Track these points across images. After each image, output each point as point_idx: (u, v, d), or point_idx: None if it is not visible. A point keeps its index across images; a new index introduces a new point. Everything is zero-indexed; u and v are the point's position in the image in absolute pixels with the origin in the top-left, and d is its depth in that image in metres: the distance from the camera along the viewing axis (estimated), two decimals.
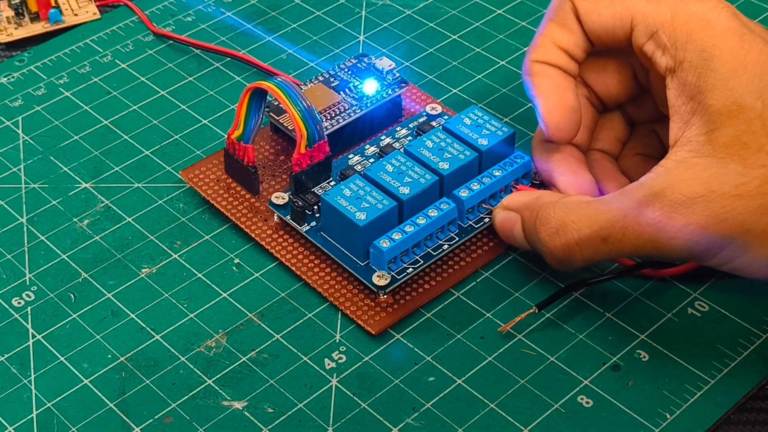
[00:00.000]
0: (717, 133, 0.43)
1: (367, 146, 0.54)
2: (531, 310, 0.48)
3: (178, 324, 0.49)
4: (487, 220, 0.51)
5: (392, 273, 0.49)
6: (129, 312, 0.50)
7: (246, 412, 0.46)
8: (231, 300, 0.50)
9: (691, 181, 0.43)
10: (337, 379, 0.47)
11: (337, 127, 0.54)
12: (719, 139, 0.43)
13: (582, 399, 0.46)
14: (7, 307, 0.50)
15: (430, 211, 0.50)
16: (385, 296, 0.49)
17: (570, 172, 0.50)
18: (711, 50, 0.44)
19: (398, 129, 0.55)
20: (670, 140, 0.45)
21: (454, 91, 0.60)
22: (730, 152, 0.43)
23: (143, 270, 0.51)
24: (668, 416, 0.45)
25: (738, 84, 0.43)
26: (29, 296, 0.50)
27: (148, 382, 0.47)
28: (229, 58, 0.62)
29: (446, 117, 0.56)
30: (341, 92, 0.55)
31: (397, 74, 0.56)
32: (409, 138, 0.55)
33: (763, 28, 0.46)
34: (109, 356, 0.48)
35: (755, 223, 0.43)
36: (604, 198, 0.46)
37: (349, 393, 0.46)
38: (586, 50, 0.49)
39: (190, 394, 0.46)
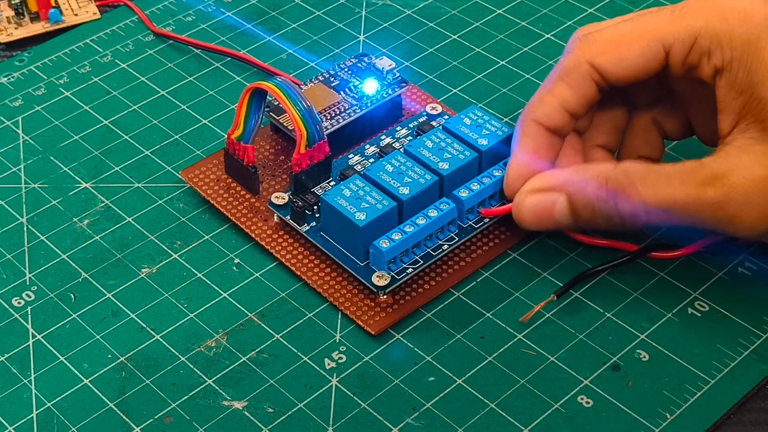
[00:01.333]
0: None
1: (367, 146, 0.54)
2: (550, 298, 0.48)
3: (178, 324, 0.49)
4: (486, 220, 0.51)
5: (392, 273, 0.49)
6: (129, 312, 0.50)
7: (246, 412, 0.46)
8: (231, 300, 0.50)
9: (753, 165, 0.44)
10: (337, 379, 0.47)
11: (337, 127, 0.54)
12: None
13: (582, 399, 0.46)
14: (7, 307, 0.50)
15: (429, 211, 0.50)
16: (384, 296, 0.49)
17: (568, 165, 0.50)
18: (756, 43, 0.44)
19: (398, 129, 0.55)
20: (722, 131, 0.45)
21: (454, 91, 0.60)
22: None
23: (143, 270, 0.51)
24: (668, 416, 0.45)
25: None
26: (29, 296, 0.50)
27: (148, 382, 0.47)
28: (229, 58, 0.62)
29: (446, 117, 0.56)
30: (341, 92, 0.55)
31: (397, 74, 0.56)
32: (409, 138, 0.55)
33: None
34: (109, 356, 0.48)
35: None
36: (664, 170, 0.46)
37: (349, 393, 0.46)
38: (594, 103, 0.49)
39: (190, 394, 0.46)
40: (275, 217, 0.52)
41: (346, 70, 0.57)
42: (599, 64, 0.47)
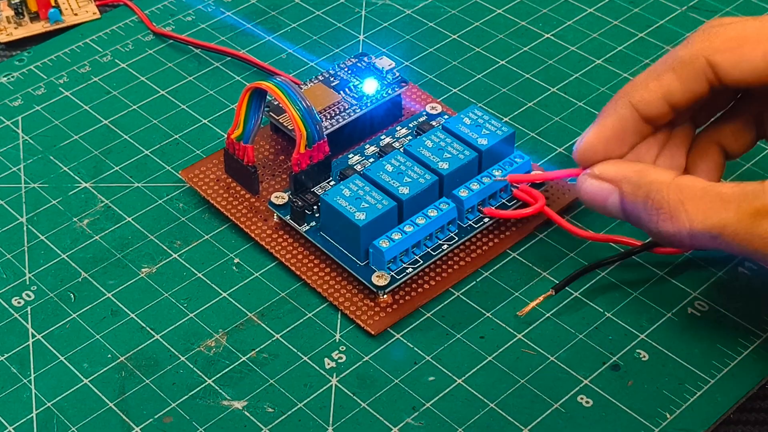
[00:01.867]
0: None
1: (367, 146, 0.54)
2: (548, 293, 0.48)
3: (178, 324, 0.49)
4: (486, 220, 0.51)
5: (392, 273, 0.49)
6: (129, 312, 0.50)
7: (246, 412, 0.46)
8: (231, 300, 0.50)
9: None
10: (337, 378, 0.47)
11: (336, 126, 0.54)
12: None
13: (582, 399, 0.46)
14: (7, 306, 0.50)
15: (429, 211, 0.50)
16: (384, 296, 0.49)
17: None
18: None
19: (398, 128, 0.55)
20: None
21: (454, 90, 0.60)
22: None
23: (143, 270, 0.51)
24: (668, 416, 0.45)
25: None
26: (29, 296, 0.50)
27: (148, 381, 0.47)
28: (229, 58, 0.62)
29: (446, 116, 0.56)
30: (341, 92, 0.55)
31: (397, 74, 0.56)
32: (409, 138, 0.55)
33: None
34: (109, 356, 0.48)
35: None
36: (723, 191, 0.43)
37: (348, 393, 0.46)
38: (702, 101, 0.46)
39: (190, 393, 0.46)
40: (275, 217, 0.52)
41: (346, 69, 0.57)
42: (717, 62, 0.44)
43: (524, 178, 0.51)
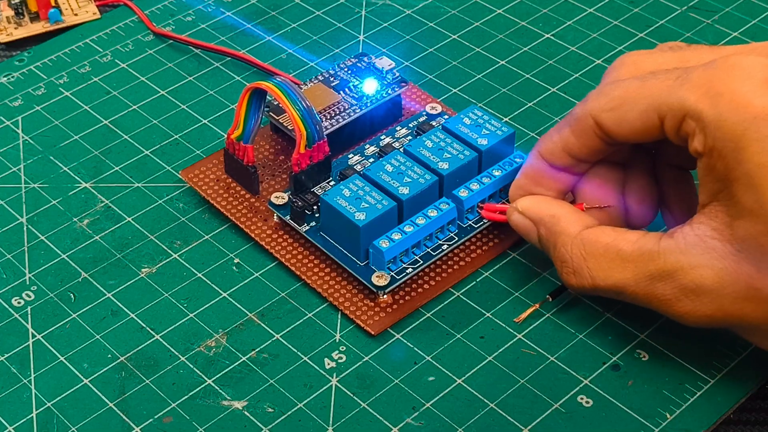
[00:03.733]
0: (738, 222, 0.41)
1: (367, 146, 0.54)
2: (544, 300, 0.49)
3: (178, 324, 0.49)
4: (485, 221, 0.51)
5: (392, 273, 0.49)
6: (129, 312, 0.50)
7: (246, 412, 0.46)
8: (231, 300, 0.50)
9: (705, 269, 0.42)
10: (337, 378, 0.47)
11: (336, 126, 0.54)
12: (739, 231, 0.41)
13: (582, 399, 0.46)
14: (7, 307, 0.50)
15: (429, 211, 0.50)
16: (384, 296, 0.49)
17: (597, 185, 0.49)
18: (739, 140, 0.41)
19: (398, 129, 0.55)
20: (700, 201, 0.43)
21: (454, 91, 0.60)
22: (747, 249, 0.41)
23: (143, 270, 0.51)
24: (668, 416, 0.45)
25: (765, 184, 0.40)
26: (29, 296, 0.50)
27: (148, 381, 0.47)
28: (229, 58, 0.62)
29: (446, 117, 0.56)
30: (341, 92, 0.55)
31: (397, 74, 0.56)
32: (409, 138, 0.55)
33: None
34: (109, 356, 0.48)
35: (762, 323, 0.42)
36: (623, 251, 0.44)
37: (349, 393, 0.46)
38: (602, 153, 0.47)
39: (190, 393, 0.46)
40: (275, 217, 0.52)
41: (345, 70, 0.57)
42: (602, 121, 0.45)
43: (499, 208, 0.51)
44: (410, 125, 0.55)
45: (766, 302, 0.41)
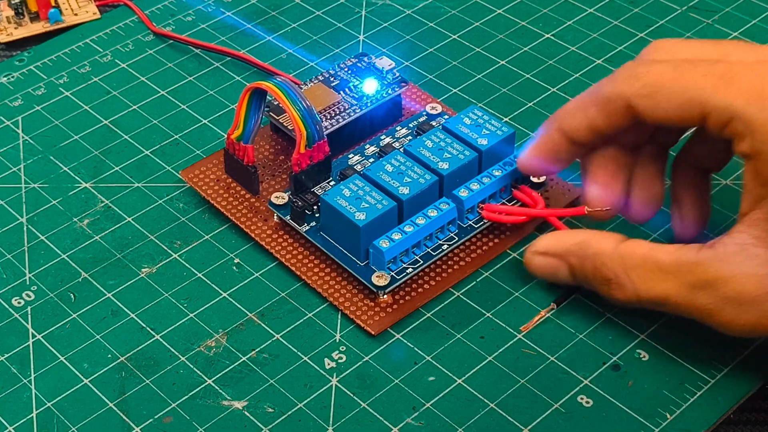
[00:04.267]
0: None
1: (367, 146, 0.54)
2: (549, 307, 0.49)
3: (178, 324, 0.49)
4: (485, 221, 0.51)
5: (392, 273, 0.49)
6: (129, 312, 0.50)
7: (246, 412, 0.46)
8: (231, 300, 0.50)
9: (746, 277, 0.42)
10: (337, 378, 0.47)
11: (336, 126, 0.54)
12: None
13: (582, 399, 0.46)
14: (7, 307, 0.50)
15: (429, 211, 0.50)
16: (384, 296, 0.49)
17: (602, 183, 0.49)
18: None
19: (398, 129, 0.55)
20: (741, 209, 0.43)
21: (454, 91, 0.60)
22: None
23: (143, 270, 0.51)
24: (668, 416, 0.45)
25: None
26: (29, 296, 0.50)
27: (148, 382, 0.47)
28: (229, 58, 0.62)
29: (446, 117, 0.56)
30: (341, 92, 0.55)
31: (397, 74, 0.56)
32: (409, 138, 0.55)
33: None
34: (109, 356, 0.48)
35: None
36: (662, 261, 0.44)
37: (349, 393, 0.46)
38: (625, 132, 0.47)
39: (190, 394, 0.46)
40: (275, 217, 0.52)
41: (346, 70, 0.57)
42: (636, 105, 0.45)
43: (500, 209, 0.51)
44: (410, 125, 0.55)
45: None
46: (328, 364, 0.47)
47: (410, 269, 0.49)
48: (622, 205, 0.49)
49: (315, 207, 0.51)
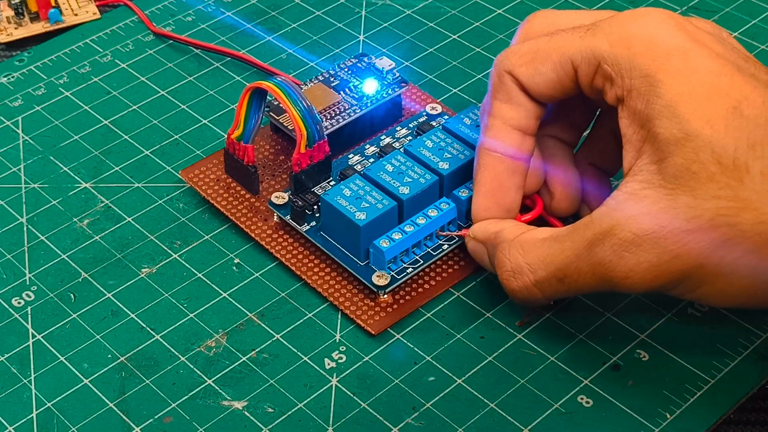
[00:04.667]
0: (666, 162, 0.41)
1: (367, 146, 0.54)
2: (523, 320, 0.49)
3: (178, 324, 0.49)
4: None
5: (392, 273, 0.49)
6: (129, 312, 0.50)
7: (246, 412, 0.46)
8: (231, 300, 0.50)
9: (640, 217, 0.41)
10: (337, 379, 0.47)
11: (337, 126, 0.54)
12: (669, 169, 0.41)
13: (582, 399, 0.46)
14: (7, 307, 0.50)
15: (430, 211, 0.50)
16: (385, 296, 0.49)
17: (560, 168, 0.50)
18: (655, 75, 0.42)
19: (398, 129, 0.55)
20: (624, 168, 0.43)
21: (454, 91, 0.60)
22: (680, 183, 0.41)
23: (143, 270, 0.51)
24: (668, 416, 0.45)
25: (685, 110, 0.41)
26: (29, 296, 0.50)
27: (148, 382, 0.47)
28: (229, 58, 0.62)
29: (446, 117, 0.56)
30: (341, 92, 0.55)
31: (397, 74, 0.56)
32: (409, 138, 0.55)
33: (712, 28, 0.44)
34: (109, 356, 0.48)
35: (708, 257, 0.41)
36: (559, 235, 0.44)
37: (349, 393, 0.46)
38: (539, 116, 0.47)
39: (190, 394, 0.46)
40: (275, 217, 0.52)
41: (346, 70, 0.57)
42: (518, 76, 0.46)
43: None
44: (410, 125, 0.55)
45: (708, 228, 0.40)
46: (328, 364, 0.47)
47: (410, 269, 0.49)
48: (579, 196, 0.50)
49: (315, 207, 0.51)
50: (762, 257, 0.41)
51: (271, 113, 0.55)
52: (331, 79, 0.56)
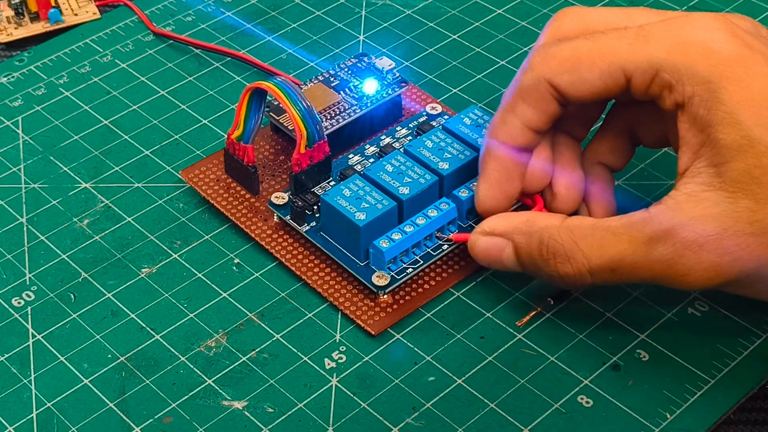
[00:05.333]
0: (727, 167, 0.42)
1: (367, 146, 0.54)
2: (546, 302, 0.49)
3: (178, 324, 0.49)
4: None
5: (392, 273, 0.49)
6: (129, 312, 0.50)
7: (246, 412, 0.46)
8: (231, 300, 0.50)
9: (703, 218, 0.42)
10: (337, 379, 0.47)
11: (337, 127, 0.54)
12: (729, 173, 0.42)
13: (582, 399, 0.46)
14: (7, 307, 0.50)
15: (429, 211, 0.50)
16: (385, 296, 0.49)
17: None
18: (718, 81, 0.42)
19: (398, 129, 0.55)
20: (679, 169, 0.44)
21: (454, 91, 0.60)
22: (741, 187, 0.42)
23: (143, 270, 0.51)
24: (668, 416, 0.45)
25: (747, 117, 0.42)
26: (29, 296, 0.50)
27: (148, 382, 0.47)
28: (229, 58, 0.62)
29: (446, 117, 0.56)
30: (341, 92, 0.55)
31: (397, 74, 0.56)
32: (409, 138, 0.55)
33: (753, 28, 0.45)
34: (109, 356, 0.48)
35: None
36: (612, 226, 0.44)
37: (349, 393, 0.46)
38: (558, 116, 0.47)
39: (190, 394, 0.46)
40: (275, 217, 0.52)
41: (346, 70, 0.57)
42: (558, 84, 0.45)
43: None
44: (410, 125, 0.55)
45: None
46: (328, 364, 0.47)
47: (410, 269, 0.49)
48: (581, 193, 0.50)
49: (315, 207, 0.51)
50: None
51: (271, 113, 0.55)
52: (331, 79, 0.56)
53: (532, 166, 0.49)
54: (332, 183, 0.52)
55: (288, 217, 0.51)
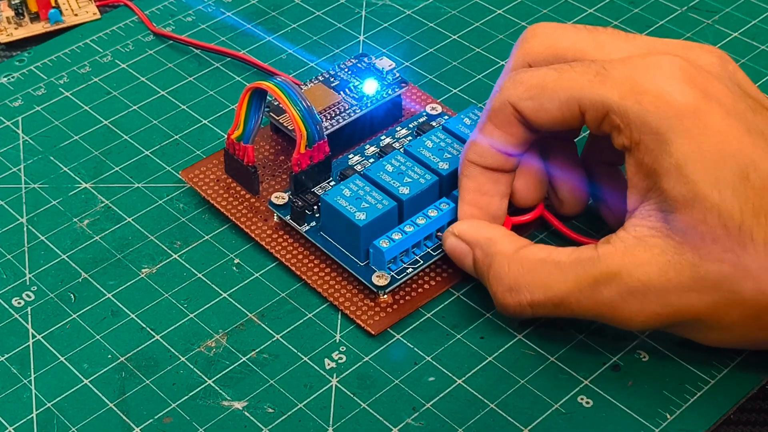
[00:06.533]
0: (674, 216, 0.42)
1: (367, 146, 0.54)
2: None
3: (178, 324, 0.49)
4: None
5: (392, 273, 0.49)
6: (129, 312, 0.50)
7: (246, 412, 0.46)
8: (231, 300, 0.50)
9: (648, 267, 0.42)
10: (337, 379, 0.47)
11: (337, 127, 0.54)
12: (676, 223, 0.42)
13: (582, 399, 0.46)
14: (7, 307, 0.50)
15: (429, 211, 0.50)
16: (385, 296, 0.49)
17: (567, 173, 0.50)
18: (666, 133, 0.42)
19: (398, 129, 0.55)
20: (629, 206, 0.44)
21: (454, 91, 0.60)
22: (686, 239, 0.42)
23: (143, 270, 0.51)
24: (668, 416, 0.45)
25: (694, 171, 0.41)
26: (29, 296, 0.50)
27: (148, 382, 0.47)
28: (229, 58, 0.62)
29: (446, 117, 0.56)
30: (341, 92, 0.55)
31: (397, 74, 0.56)
32: (409, 138, 0.55)
33: (719, 65, 0.45)
34: (109, 356, 0.48)
35: (709, 314, 0.42)
36: (561, 261, 0.44)
37: (349, 393, 0.46)
38: (530, 141, 0.47)
39: (190, 394, 0.46)
40: (275, 217, 0.52)
41: (346, 70, 0.57)
42: (522, 109, 0.46)
43: None
44: (410, 125, 0.55)
45: (710, 290, 0.42)
46: (328, 365, 0.47)
47: (410, 269, 0.49)
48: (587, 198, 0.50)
49: (315, 207, 0.51)
50: (760, 323, 0.42)
51: (271, 113, 0.55)
52: (331, 80, 0.56)
53: (519, 184, 0.49)
54: (332, 183, 0.52)
55: (288, 217, 0.51)
